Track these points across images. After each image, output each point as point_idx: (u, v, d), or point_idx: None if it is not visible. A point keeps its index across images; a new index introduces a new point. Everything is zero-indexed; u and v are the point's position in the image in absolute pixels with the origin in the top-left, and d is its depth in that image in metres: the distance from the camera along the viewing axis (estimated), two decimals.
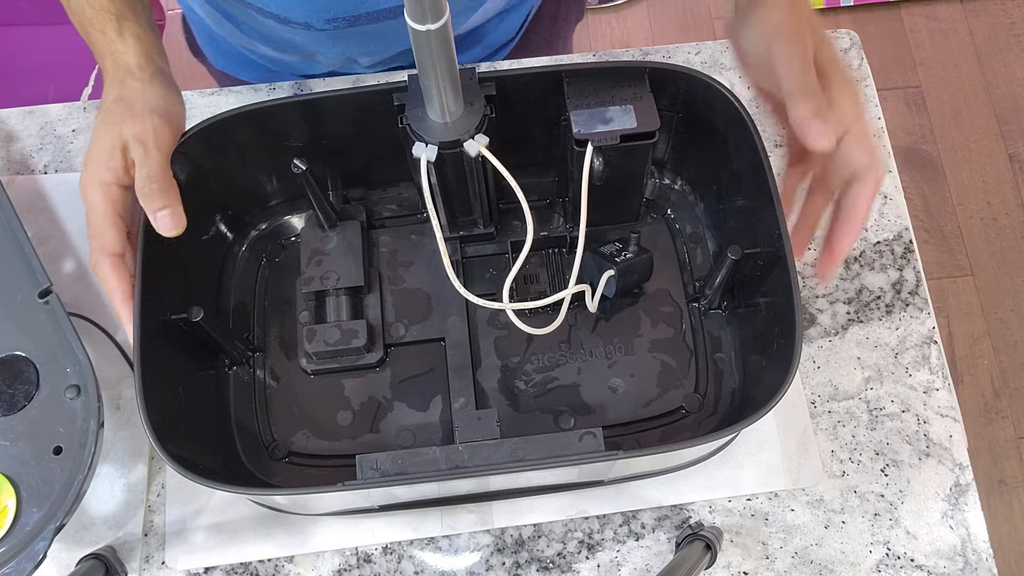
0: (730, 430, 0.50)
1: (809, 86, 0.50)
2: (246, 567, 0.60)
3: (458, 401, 0.61)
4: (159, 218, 0.52)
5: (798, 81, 0.50)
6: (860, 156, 0.50)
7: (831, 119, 0.49)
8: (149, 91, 0.55)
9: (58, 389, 0.56)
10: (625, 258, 0.60)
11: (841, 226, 0.52)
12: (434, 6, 0.44)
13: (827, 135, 0.49)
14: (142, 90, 0.55)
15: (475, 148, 0.53)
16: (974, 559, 0.60)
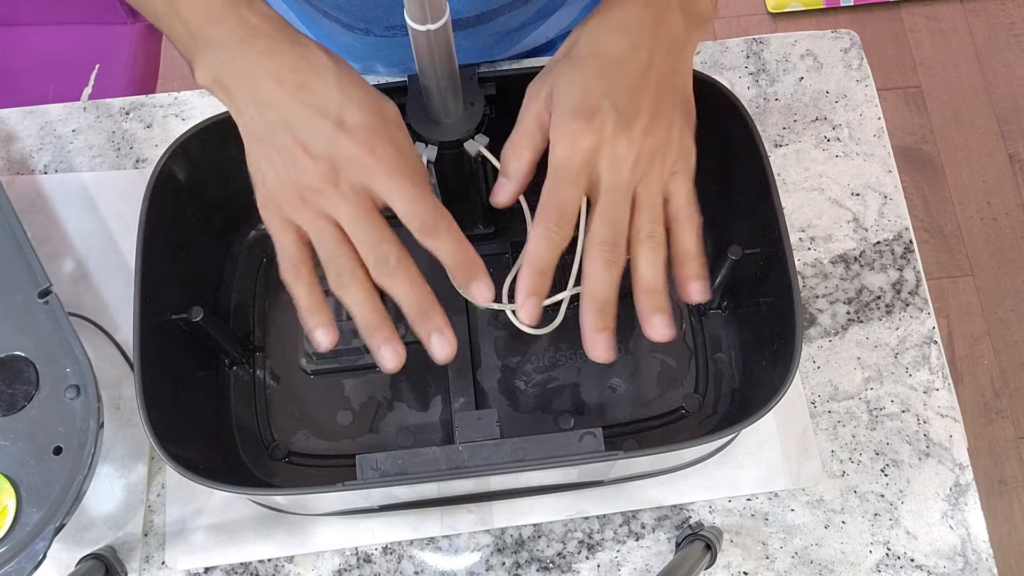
0: (730, 430, 0.51)
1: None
2: (246, 567, 0.60)
3: (458, 401, 0.61)
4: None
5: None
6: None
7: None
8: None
9: (58, 389, 0.56)
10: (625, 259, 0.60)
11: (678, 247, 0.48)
12: (434, 6, 0.44)
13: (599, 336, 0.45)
14: (348, 64, 0.48)
15: (475, 148, 0.53)
16: (974, 559, 0.60)
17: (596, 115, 0.45)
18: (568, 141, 0.45)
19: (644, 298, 0.46)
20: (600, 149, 0.45)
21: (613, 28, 0.47)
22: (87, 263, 0.67)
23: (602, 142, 0.45)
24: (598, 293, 0.46)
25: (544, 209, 0.46)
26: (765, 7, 1.78)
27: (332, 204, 0.45)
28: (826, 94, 0.72)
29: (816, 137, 0.71)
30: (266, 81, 0.45)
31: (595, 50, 0.47)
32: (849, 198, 0.69)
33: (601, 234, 0.46)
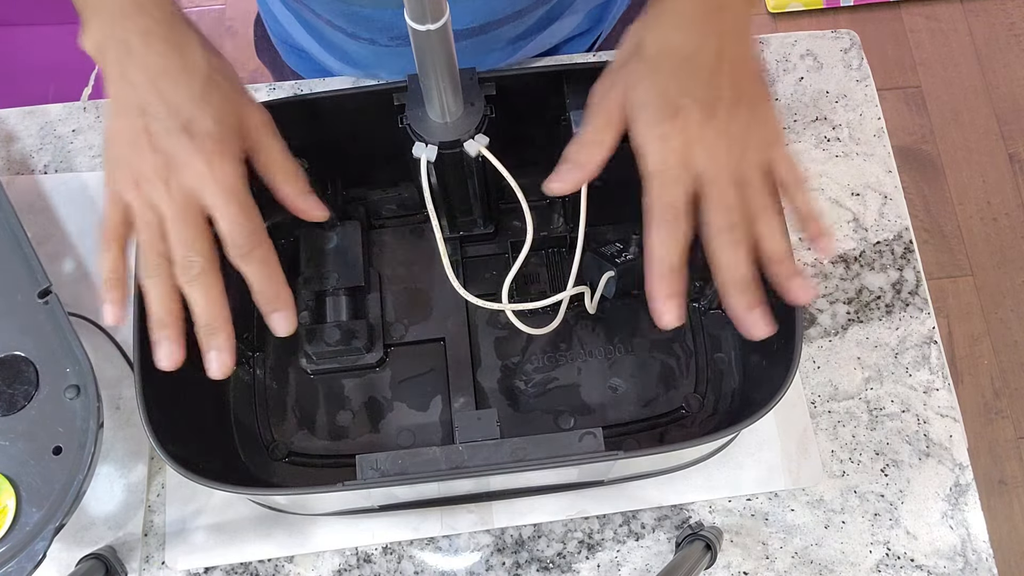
0: (730, 430, 0.50)
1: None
2: (246, 567, 0.60)
3: (458, 401, 0.61)
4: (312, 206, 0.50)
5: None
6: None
7: None
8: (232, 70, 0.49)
9: (58, 389, 0.56)
10: (625, 259, 0.60)
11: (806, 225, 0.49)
12: (434, 6, 0.44)
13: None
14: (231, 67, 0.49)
15: (475, 148, 0.53)
16: (974, 559, 0.60)
17: (679, 114, 0.46)
18: (659, 145, 0.46)
19: (777, 268, 0.47)
20: (692, 145, 0.46)
21: (675, 24, 0.47)
22: (87, 263, 0.67)
23: (691, 138, 0.46)
24: (739, 276, 0.46)
25: (656, 212, 0.46)
26: (765, 7, 1.78)
27: (159, 198, 0.45)
28: (826, 94, 0.72)
29: (816, 137, 0.71)
30: (135, 61, 0.45)
31: (663, 48, 0.47)
32: (849, 198, 0.69)
33: (719, 223, 0.46)
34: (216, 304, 0.46)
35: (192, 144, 0.45)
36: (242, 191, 0.46)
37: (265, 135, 0.49)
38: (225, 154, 0.46)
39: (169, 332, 0.47)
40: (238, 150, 0.47)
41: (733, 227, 0.46)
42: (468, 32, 0.65)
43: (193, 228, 0.46)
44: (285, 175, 0.50)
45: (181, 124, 0.45)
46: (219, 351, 0.47)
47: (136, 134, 0.46)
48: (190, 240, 0.46)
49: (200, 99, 0.46)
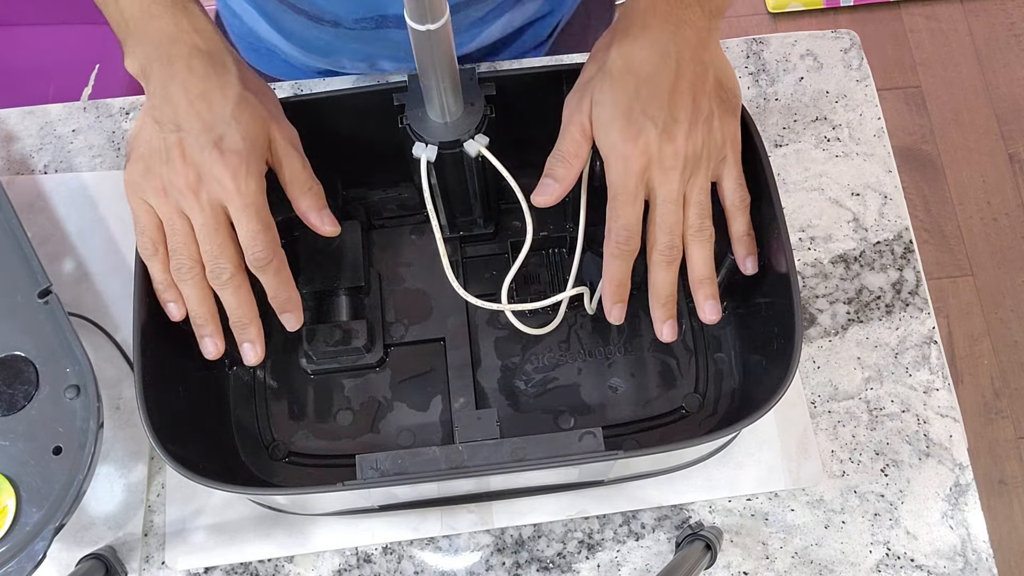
0: (730, 430, 0.51)
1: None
2: (246, 567, 0.60)
3: (458, 401, 0.61)
4: (326, 222, 0.54)
5: None
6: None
7: None
8: (266, 87, 0.54)
9: (58, 389, 0.56)
10: None
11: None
12: (434, 6, 0.44)
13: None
14: (264, 85, 0.54)
15: (475, 148, 0.53)
16: (974, 559, 0.60)
17: (640, 136, 0.50)
18: (621, 166, 0.51)
19: (698, 287, 0.54)
20: (650, 165, 0.51)
21: (638, 42, 0.51)
22: (87, 263, 0.67)
23: (651, 159, 0.50)
24: (663, 291, 0.53)
25: (612, 231, 0.52)
26: (765, 7, 1.78)
27: (189, 207, 0.50)
28: (826, 94, 0.72)
29: (816, 137, 0.71)
30: (176, 82, 0.50)
31: (627, 67, 0.51)
32: (849, 198, 0.69)
33: (661, 242, 0.52)
34: (246, 303, 0.53)
35: (222, 159, 0.49)
36: (262, 207, 0.51)
37: (287, 153, 0.53)
38: (250, 170, 0.50)
39: (212, 328, 0.53)
40: (263, 165, 0.51)
41: (671, 248, 0.52)
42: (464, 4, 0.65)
43: (222, 237, 0.51)
44: (302, 190, 0.54)
45: (213, 140, 0.49)
46: (252, 342, 0.54)
47: (170, 148, 0.50)
48: (219, 249, 0.50)
49: (231, 118, 0.50)
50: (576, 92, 0.53)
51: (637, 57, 0.51)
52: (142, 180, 0.51)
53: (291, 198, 0.54)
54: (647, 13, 0.51)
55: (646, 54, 0.51)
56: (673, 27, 0.51)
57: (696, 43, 0.51)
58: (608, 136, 0.51)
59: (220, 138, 0.49)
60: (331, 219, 0.55)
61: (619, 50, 0.51)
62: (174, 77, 0.50)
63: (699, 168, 0.52)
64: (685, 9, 0.51)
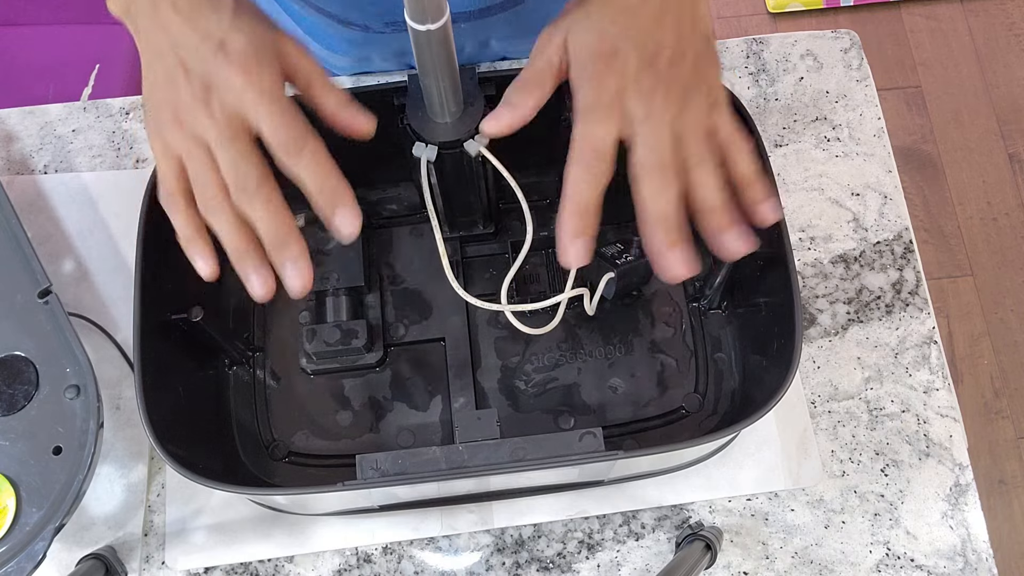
0: (730, 430, 0.51)
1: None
2: (246, 567, 0.60)
3: (458, 401, 0.61)
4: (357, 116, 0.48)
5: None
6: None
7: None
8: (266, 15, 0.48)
9: (58, 389, 0.56)
10: (626, 260, 0.60)
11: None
12: (434, 6, 0.44)
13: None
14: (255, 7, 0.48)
15: (475, 148, 0.53)
16: (974, 559, 0.60)
17: (616, 56, 0.44)
18: (591, 84, 0.45)
19: (709, 218, 0.45)
20: (626, 88, 0.44)
21: None
22: (87, 263, 0.67)
23: (626, 81, 0.44)
24: (659, 209, 0.45)
25: (577, 149, 0.45)
26: (765, 7, 1.78)
27: (202, 126, 0.44)
28: (826, 94, 0.72)
29: (816, 137, 0.71)
30: (164, 7, 0.45)
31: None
32: (849, 198, 0.69)
33: (648, 161, 0.44)
34: (281, 215, 0.45)
35: (227, 61, 0.44)
36: (283, 96, 0.45)
37: (300, 57, 0.47)
38: (263, 63, 0.44)
39: (254, 260, 0.45)
40: (276, 65, 0.45)
41: (663, 167, 0.44)
42: (466, 16, 0.65)
43: (241, 144, 0.44)
44: (325, 90, 0.47)
45: (215, 47, 0.44)
46: (294, 261, 0.45)
47: (172, 70, 0.45)
48: (240, 157, 0.44)
49: (231, 25, 0.44)
50: (550, 28, 0.48)
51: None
52: (157, 114, 0.46)
53: (315, 103, 0.48)
54: None
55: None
56: None
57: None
58: (579, 57, 0.45)
59: (222, 43, 0.44)
60: (361, 111, 0.47)
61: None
62: (161, 5, 0.45)
63: (688, 103, 0.45)
64: None
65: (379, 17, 0.64)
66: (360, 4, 0.63)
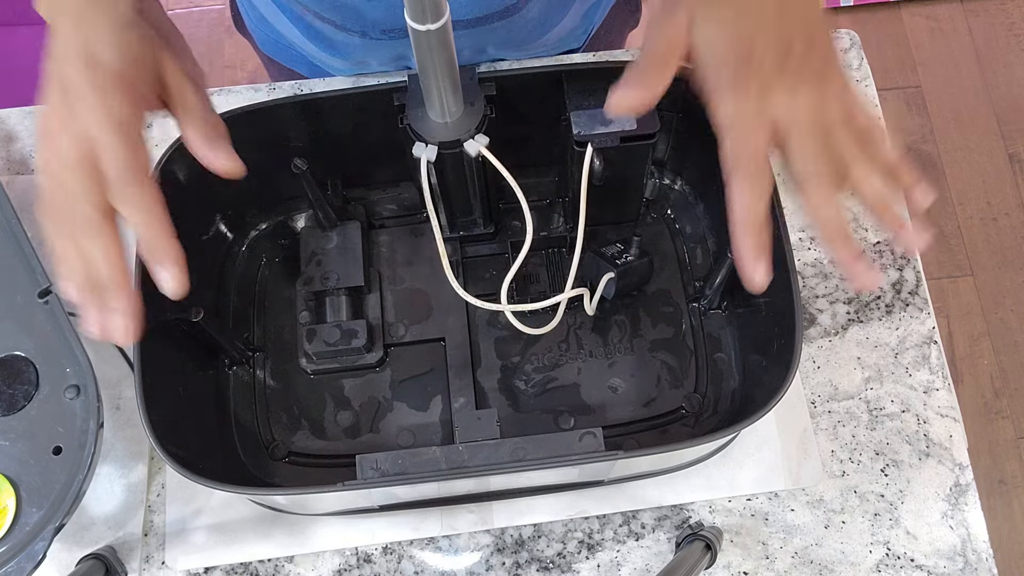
0: (730, 430, 0.51)
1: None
2: (246, 567, 0.60)
3: (458, 401, 0.61)
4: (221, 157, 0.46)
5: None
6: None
7: None
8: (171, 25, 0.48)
9: (58, 389, 0.56)
10: (626, 260, 0.60)
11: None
12: (434, 6, 0.44)
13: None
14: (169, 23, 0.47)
15: (475, 148, 0.53)
16: (974, 559, 0.60)
17: (753, 56, 0.43)
18: (736, 90, 0.43)
19: (884, 215, 0.45)
20: (770, 89, 0.43)
21: None
22: None
23: (768, 82, 0.43)
24: (839, 225, 0.44)
25: (737, 162, 0.43)
26: None
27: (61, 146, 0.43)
28: None
29: None
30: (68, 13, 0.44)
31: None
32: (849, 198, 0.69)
33: (809, 168, 0.43)
34: (112, 259, 0.42)
35: (91, 76, 0.42)
36: (130, 124, 0.43)
37: (178, 80, 0.46)
38: (121, 87, 0.43)
39: (94, 297, 0.43)
40: (142, 88, 0.44)
41: (827, 174, 0.44)
42: (465, 24, 0.65)
43: (83, 171, 0.42)
44: (192, 119, 0.46)
45: (86, 59, 0.43)
46: (120, 313, 0.43)
47: (49, 84, 0.44)
48: (80, 188, 0.42)
49: (113, 37, 0.43)
50: (664, 7, 0.45)
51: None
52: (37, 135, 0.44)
53: (180, 129, 0.46)
54: None
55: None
56: None
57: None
58: (715, 55, 0.44)
59: (93, 55, 0.42)
60: (228, 152, 0.46)
61: None
62: (66, 10, 0.44)
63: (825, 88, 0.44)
64: None
65: (376, 25, 0.65)
66: (358, 13, 0.63)
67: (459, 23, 0.64)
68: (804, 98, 0.43)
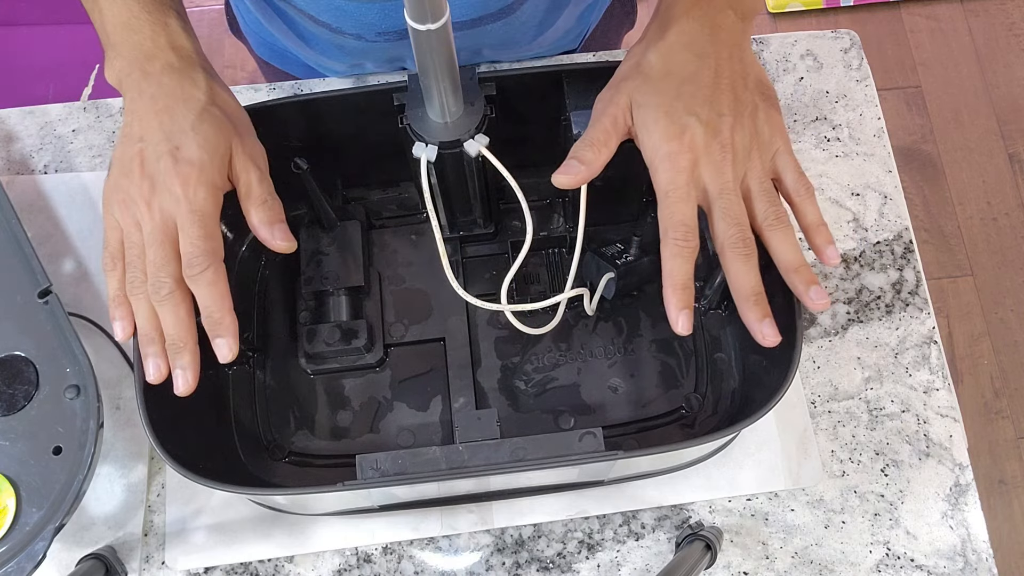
0: (730, 430, 0.50)
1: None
2: (246, 567, 0.60)
3: (458, 401, 0.61)
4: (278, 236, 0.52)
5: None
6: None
7: None
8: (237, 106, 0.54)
9: (58, 389, 0.56)
10: (627, 260, 0.60)
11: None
12: (434, 6, 0.44)
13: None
14: (236, 104, 0.54)
15: (475, 148, 0.53)
16: (974, 559, 0.60)
17: (685, 133, 0.49)
18: (668, 164, 0.49)
19: (794, 276, 0.50)
20: (698, 162, 0.49)
21: (677, 45, 0.51)
22: (87, 263, 0.67)
23: (698, 155, 0.49)
24: (748, 287, 0.49)
25: (668, 230, 0.49)
26: (765, 7, 1.78)
27: (142, 217, 0.50)
28: (826, 94, 0.72)
29: (816, 137, 0.71)
30: (145, 97, 0.51)
31: (666, 69, 0.50)
32: (849, 198, 0.69)
33: (728, 234, 0.49)
34: (183, 324, 0.50)
35: (174, 168, 0.49)
36: (209, 216, 0.50)
37: (245, 167, 0.52)
38: (202, 179, 0.49)
39: (156, 348, 0.50)
40: (218, 178, 0.50)
41: (743, 240, 0.49)
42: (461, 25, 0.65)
43: (166, 248, 0.49)
44: (254, 204, 0.52)
45: (169, 150, 0.49)
46: (184, 369, 0.50)
47: (131, 159, 0.50)
48: (162, 261, 0.49)
49: (191, 129, 0.50)
50: (610, 89, 0.53)
51: (676, 59, 0.50)
52: (111, 194, 0.51)
53: (244, 212, 0.53)
54: (682, 18, 0.51)
55: (685, 56, 0.50)
56: (709, 30, 0.51)
57: (732, 44, 0.51)
58: (651, 137, 0.49)
59: (177, 148, 0.49)
60: (284, 233, 0.53)
61: (657, 52, 0.51)
62: (143, 93, 0.51)
63: (752, 158, 0.50)
64: (719, 14, 0.51)
65: (371, 28, 0.65)
66: (353, 16, 0.63)
67: (455, 24, 0.65)
68: (731, 172, 0.49)
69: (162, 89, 0.51)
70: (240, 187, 0.52)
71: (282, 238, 0.53)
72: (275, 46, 0.79)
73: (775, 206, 0.50)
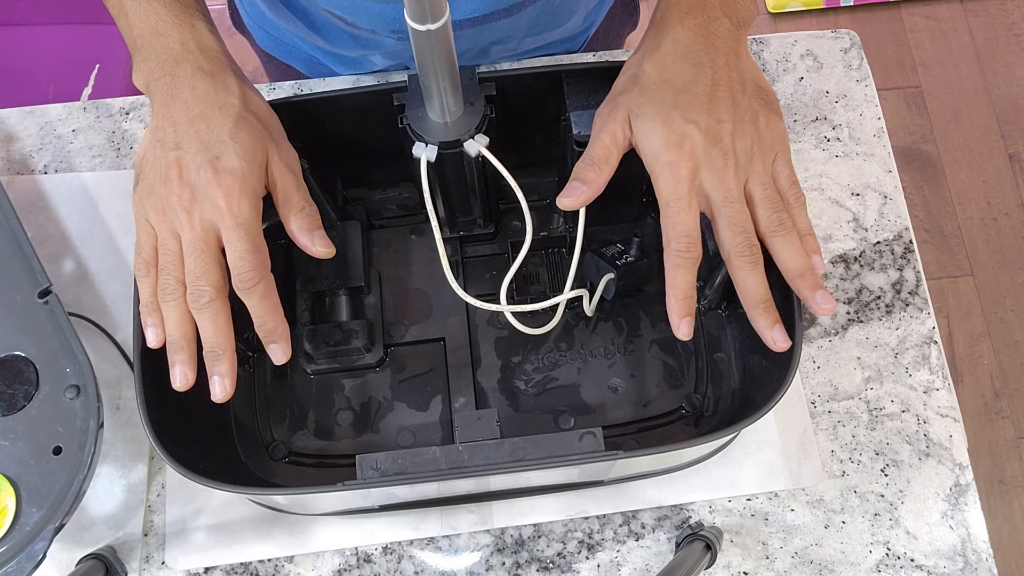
0: (730, 430, 0.51)
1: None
2: (246, 567, 0.60)
3: (458, 401, 0.61)
4: (317, 243, 0.53)
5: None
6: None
7: None
8: (268, 109, 0.54)
9: (58, 389, 0.56)
10: (626, 261, 0.60)
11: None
12: (434, 6, 0.44)
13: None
14: (267, 108, 0.54)
15: (475, 148, 0.53)
16: (974, 559, 0.60)
17: (685, 141, 0.49)
18: (669, 173, 0.49)
19: (800, 282, 0.50)
20: (699, 170, 0.49)
21: (672, 55, 0.51)
22: (87, 263, 0.67)
23: (699, 163, 0.49)
24: (757, 295, 0.50)
25: (671, 240, 0.49)
26: (765, 7, 1.78)
27: (181, 226, 0.49)
28: (826, 94, 0.72)
29: (816, 137, 0.71)
30: (178, 103, 0.50)
31: (662, 79, 0.50)
32: (849, 198, 0.69)
33: (735, 243, 0.49)
34: (222, 332, 0.50)
35: (216, 179, 0.49)
36: (254, 228, 0.50)
37: (282, 174, 0.52)
38: (244, 191, 0.49)
39: (184, 356, 0.50)
40: (259, 186, 0.50)
41: (750, 247, 0.49)
42: (468, 23, 0.65)
43: (207, 257, 0.49)
44: (293, 211, 0.52)
45: (209, 159, 0.49)
46: (222, 376, 0.50)
47: (168, 167, 0.50)
48: (203, 270, 0.49)
49: (229, 138, 0.50)
50: (608, 104, 0.53)
51: (672, 68, 0.50)
52: (145, 200, 0.51)
53: (283, 219, 0.53)
54: (676, 27, 0.51)
55: (681, 65, 0.50)
56: (704, 38, 0.51)
57: (728, 51, 0.51)
58: (651, 146, 0.49)
59: (216, 157, 0.49)
60: (323, 240, 0.53)
61: (652, 63, 0.51)
62: (176, 98, 0.50)
63: (753, 165, 0.50)
64: (714, 22, 0.51)
65: (387, 25, 0.65)
66: (368, 12, 0.63)
67: (464, 22, 0.65)
68: (733, 179, 0.49)
69: (195, 95, 0.50)
70: (278, 194, 0.52)
71: (322, 244, 0.53)
72: (279, 39, 0.78)
73: (779, 212, 0.50)
